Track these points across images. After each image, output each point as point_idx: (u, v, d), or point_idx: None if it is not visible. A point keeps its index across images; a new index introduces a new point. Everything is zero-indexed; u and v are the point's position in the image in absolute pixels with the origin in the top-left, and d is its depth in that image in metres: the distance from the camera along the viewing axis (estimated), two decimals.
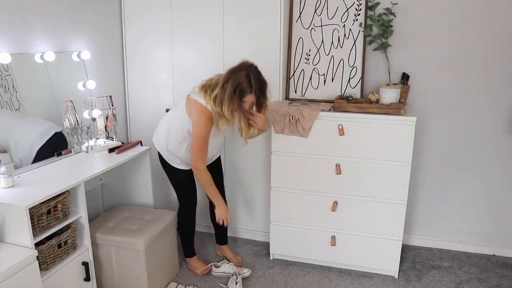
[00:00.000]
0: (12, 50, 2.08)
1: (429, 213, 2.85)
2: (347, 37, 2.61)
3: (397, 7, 2.52)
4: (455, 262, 2.72)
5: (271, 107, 2.35)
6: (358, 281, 2.52)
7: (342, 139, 2.37)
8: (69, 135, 2.35)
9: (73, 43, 2.49)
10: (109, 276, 2.28)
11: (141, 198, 2.62)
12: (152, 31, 2.79)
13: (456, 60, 2.56)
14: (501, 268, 2.65)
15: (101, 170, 2.13)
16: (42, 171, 2.11)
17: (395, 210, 2.40)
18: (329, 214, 2.50)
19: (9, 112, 2.08)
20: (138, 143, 2.58)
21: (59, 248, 1.90)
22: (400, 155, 2.31)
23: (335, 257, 2.59)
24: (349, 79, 2.64)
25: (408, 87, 2.56)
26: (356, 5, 2.56)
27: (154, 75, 2.89)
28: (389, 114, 2.30)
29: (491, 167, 2.67)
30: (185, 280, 2.51)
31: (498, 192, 2.70)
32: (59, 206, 1.88)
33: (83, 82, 2.54)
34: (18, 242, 1.74)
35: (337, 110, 2.39)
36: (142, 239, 2.17)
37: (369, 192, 2.41)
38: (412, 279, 2.53)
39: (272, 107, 2.39)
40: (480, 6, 2.45)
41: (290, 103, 2.56)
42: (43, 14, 2.25)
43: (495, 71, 2.51)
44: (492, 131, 2.61)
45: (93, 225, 2.26)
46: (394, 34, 2.56)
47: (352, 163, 2.39)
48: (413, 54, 2.60)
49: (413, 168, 2.51)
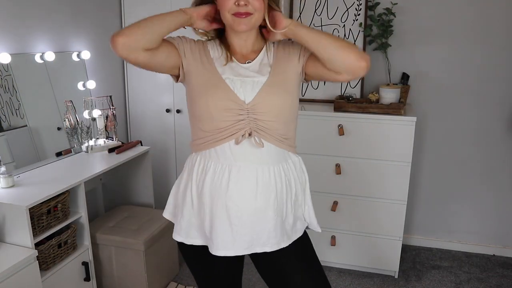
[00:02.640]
0: (12, 50, 2.08)
1: (429, 213, 2.85)
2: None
3: (397, 7, 2.52)
4: (455, 262, 2.72)
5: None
6: (358, 281, 2.52)
7: (342, 139, 2.37)
8: (69, 135, 2.35)
9: (73, 43, 2.49)
10: (109, 276, 2.28)
11: (141, 198, 2.62)
12: None
13: (456, 60, 2.56)
14: (501, 268, 2.65)
15: (101, 170, 2.13)
16: (42, 171, 2.11)
17: (395, 210, 2.40)
18: (329, 213, 2.50)
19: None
20: (138, 143, 2.58)
21: (59, 248, 1.90)
22: (400, 155, 2.31)
23: (335, 257, 2.59)
24: None
25: (408, 87, 2.56)
26: (356, 5, 2.56)
27: (154, 75, 2.88)
28: (389, 114, 2.30)
29: (491, 167, 2.67)
30: (185, 280, 2.51)
31: (498, 192, 2.69)
32: (59, 206, 1.88)
33: (83, 82, 2.54)
34: (18, 242, 1.74)
35: (337, 110, 2.39)
36: (142, 239, 2.17)
37: (369, 192, 2.41)
38: (412, 279, 2.53)
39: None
40: (480, 6, 2.45)
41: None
42: (43, 14, 2.25)
43: (495, 70, 2.51)
44: (492, 131, 2.61)
45: (93, 225, 2.26)
46: (394, 34, 2.56)
47: (352, 163, 2.39)
48: (413, 54, 2.60)
49: (413, 168, 2.51)
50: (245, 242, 1.26)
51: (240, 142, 1.22)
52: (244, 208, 1.24)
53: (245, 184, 1.23)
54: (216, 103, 1.21)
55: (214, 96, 1.21)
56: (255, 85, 1.23)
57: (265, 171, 1.24)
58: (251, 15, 1.19)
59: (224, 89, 1.22)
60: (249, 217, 1.24)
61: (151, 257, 2.25)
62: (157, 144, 2.92)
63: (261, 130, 1.23)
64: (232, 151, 1.23)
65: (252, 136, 1.22)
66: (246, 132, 1.21)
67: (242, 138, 1.22)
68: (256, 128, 1.22)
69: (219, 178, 1.24)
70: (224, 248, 1.26)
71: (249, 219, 1.25)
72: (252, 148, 1.23)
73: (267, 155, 1.24)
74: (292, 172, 1.32)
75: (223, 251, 1.26)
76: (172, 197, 1.40)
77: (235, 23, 1.20)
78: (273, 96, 1.23)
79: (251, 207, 1.24)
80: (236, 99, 1.21)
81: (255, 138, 1.22)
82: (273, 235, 1.27)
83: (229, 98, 1.21)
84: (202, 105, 1.23)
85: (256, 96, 1.22)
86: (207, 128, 1.25)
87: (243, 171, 1.23)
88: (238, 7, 1.18)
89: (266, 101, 1.22)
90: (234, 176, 1.23)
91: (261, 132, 1.23)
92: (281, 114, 1.24)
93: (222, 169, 1.24)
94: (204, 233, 1.29)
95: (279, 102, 1.24)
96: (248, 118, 1.22)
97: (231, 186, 1.23)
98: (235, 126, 1.22)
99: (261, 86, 1.23)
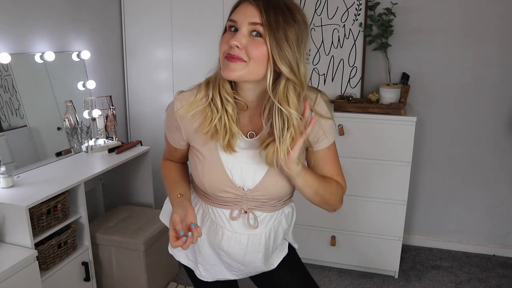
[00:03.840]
0: (12, 50, 2.08)
1: (429, 213, 2.85)
2: (347, 37, 2.61)
3: (397, 7, 2.52)
4: (455, 262, 2.72)
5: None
6: (358, 281, 2.52)
7: (342, 139, 2.37)
8: (69, 135, 2.35)
9: (73, 43, 2.49)
10: (109, 276, 2.27)
11: (141, 198, 2.62)
12: (152, 31, 2.79)
13: (456, 60, 2.56)
14: (501, 268, 2.65)
15: (101, 170, 2.13)
16: (42, 171, 2.10)
17: (395, 210, 2.40)
18: (329, 214, 2.48)
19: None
20: (138, 143, 2.58)
21: (59, 248, 1.90)
22: (400, 155, 2.31)
23: (335, 257, 2.59)
24: (349, 79, 2.64)
25: (408, 87, 2.56)
26: (356, 5, 2.56)
27: (154, 75, 2.89)
28: (389, 114, 2.30)
29: (491, 167, 2.66)
30: (185, 280, 2.51)
31: (498, 192, 2.69)
32: (59, 206, 1.88)
33: (83, 82, 2.54)
34: (18, 242, 1.74)
35: (337, 110, 2.39)
36: (142, 239, 2.17)
37: (369, 192, 2.41)
38: (412, 279, 2.53)
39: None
40: (480, 5, 2.45)
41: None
42: (43, 14, 2.25)
43: (496, 70, 2.51)
44: (492, 131, 2.61)
45: (93, 225, 2.26)
46: (394, 34, 2.56)
47: (352, 163, 2.39)
48: (413, 54, 2.60)
49: (413, 168, 2.51)
50: (234, 275, 1.30)
51: (235, 219, 1.18)
52: (235, 259, 1.23)
53: (236, 246, 1.20)
54: (211, 185, 1.14)
55: (210, 178, 1.14)
56: (257, 172, 1.13)
57: (256, 237, 1.21)
58: (243, 63, 0.99)
59: (222, 175, 1.13)
60: (237, 263, 1.25)
61: (151, 257, 2.25)
62: (157, 144, 2.91)
63: (257, 207, 1.18)
64: (227, 218, 1.19)
65: (247, 214, 1.17)
66: (242, 209, 1.17)
67: (238, 215, 1.17)
68: (253, 206, 1.17)
69: (214, 233, 1.22)
70: (211, 276, 1.29)
71: (238, 265, 1.26)
72: (246, 222, 1.19)
73: (261, 225, 1.20)
74: (283, 227, 1.27)
75: (209, 276, 1.29)
76: (169, 205, 1.33)
77: (223, 66, 1.01)
78: (275, 183, 1.14)
79: (240, 259, 1.24)
80: (233, 185, 1.14)
81: (249, 221, 1.17)
82: (263, 268, 1.29)
83: (226, 184, 1.14)
84: (198, 179, 1.18)
85: (257, 185, 1.14)
86: (204, 190, 1.20)
87: (235, 237, 1.20)
88: (229, 48, 0.99)
89: (268, 189, 1.14)
90: (226, 237, 1.20)
91: (257, 208, 1.18)
92: (282, 193, 1.18)
93: (216, 228, 1.21)
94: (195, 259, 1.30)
95: (281, 185, 1.15)
96: (245, 200, 1.16)
97: (223, 244, 1.21)
98: (231, 201, 1.17)
99: (264, 174, 1.13)
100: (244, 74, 1.00)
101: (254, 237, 1.20)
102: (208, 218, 1.23)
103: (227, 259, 1.24)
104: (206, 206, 1.23)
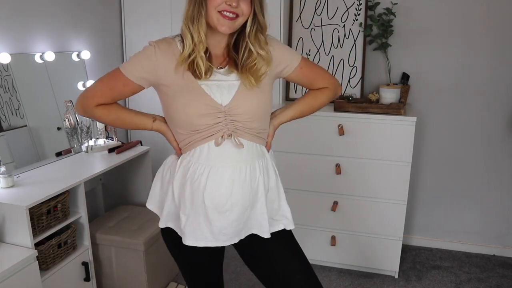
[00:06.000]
0: (12, 50, 2.08)
1: (429, 213, 2.85)
2: (347, 37, 2.61)
3: (397, 7, 2.52)
4: (455, 262, 2.72)
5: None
6: (358, 281, 2.52)
7: (342, 139, 2.37)
8: (69, 135, 2.35)
9: (73, 43, 2.49)
10: (109, 276, 2.27)
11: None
12: (152, 30, 2.79)
13: (456, 60, 2.56)
14: (501, 268, 2.65)
15: (101, 170, 2.13)
16: (42, 171, 2.10)
17: (395, 210, 2.40)
18: (329, 214, 2.50)
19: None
20: (138, 143, 2.58)
21: (59, 248, 1.90)
22: (400, 155, 2.31)
23: (335, 257, 2.59)
24: (349, 79, 2.64)
25: (408, 87, 2.56)
26: (356, 5, 2.56)
27: None
28: (389, 114, 2.30)
29: (491, 167, 2.67)
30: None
31: (498, 192, 2.69)
32: (59, 206, 1.88)
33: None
34: (18, 242, 1.74)
35: (337, 110, 2.39)
36: (142, 239, 2.17)
37: (369, 192, 2.41)
38: (412, 279, 2.53)
39: None
40: (481, 5, 2.45)
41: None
42: (43, 14, 2.25)
43: (496, 70, 2.51)
44: (492, 131, 2.61)
45: (93, 225, 2.26)
46: (394, 34, 2.56)
47: (352, 163, 2.39)
48: (413, 54, 2.60)
49: (413, 168, 2.51)
50: (225, 236, 1.29)
51: (220, 144, 1.24)
52: (221, 205, 1.26)
53: (222, 185, 1.25)
54: (194, 110, 1.23)
55: (192, 103, 1.23)
56: (230, 88, 1.25)
57: (242, 170, 1.26)
58: (236, 18, 1.19)
59: (201, 95, 1.23)
60: (224, 213, 1.27)
61: (151, 257, 2.25)
62: (157, 144, 2.91)
63: (238, 130, 1.26)
64: (211, 152, 1.25)
65: (231, 137, 1.25)
66: (225, 133, 1.24)
67: (222, 139, 1.24)
68: (234, 128, 1.25)
69: (197, 183, 1.26)
70: (196, 239, 1.29)
71: (226, 215, 1.27)
72: (231, 148, 1.25)
73: (245, 154, 1.27)
74: (270, 166, 1.36)
75: (194, 241, 1.29)
76: (156, 191, 1.46)
77: (219, 22, 1.19)
78: (248, 97, 1.26)
79: (227, 203, 1.26)
80: (213, 103, 1.23)
81: (234, 139, 1.25)
82: (258, 225, 1.32)
83: (207, 103, 1.23)
84: (180, 112, 1.25)
85: (232, 98, 1.24)
86: (185, 131, 1.27)
87: (220, 172, 1.25)
88: (227, 5, 1.16)
89: (243, 103, 1.25)
90: (211, 179, 1.25)
91: (238, 132, 1.26)
92: (258, 113, 1.28)
93: (200, 175, 1.25)
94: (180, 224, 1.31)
95: (255, 102, 1.27)
96: (225, 120, 1.24)
97: (208, 187, 1.25)
98: (213, 128, 1.24)
99: (236, 88, 1.25)
100: (236, 26, 1.22)
101: (239, 170, 1.26)
102: (189, 168, 1.27)
103: (213, 211, 1.25)
104: (188, 155, 1.28)
